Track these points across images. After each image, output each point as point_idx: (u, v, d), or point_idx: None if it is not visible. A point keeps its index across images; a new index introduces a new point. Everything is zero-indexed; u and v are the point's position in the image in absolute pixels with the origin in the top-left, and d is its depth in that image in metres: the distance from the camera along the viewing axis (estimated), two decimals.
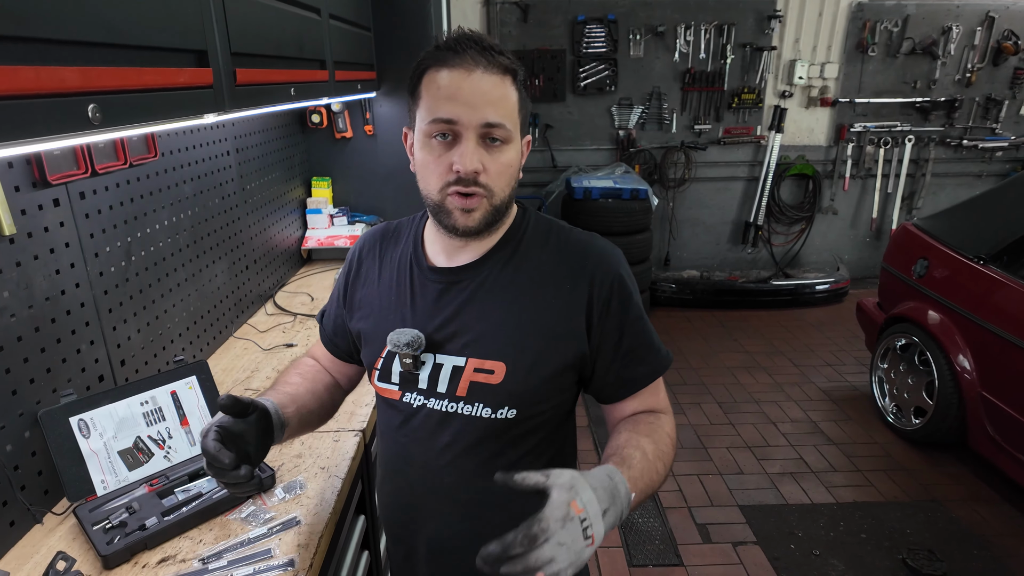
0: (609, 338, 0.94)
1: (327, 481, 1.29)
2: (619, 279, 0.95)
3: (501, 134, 0.86)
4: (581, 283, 0.93)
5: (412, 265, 1.01)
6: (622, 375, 0.96)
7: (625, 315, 0.94)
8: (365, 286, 1.06)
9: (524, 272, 0.95)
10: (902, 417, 3.21)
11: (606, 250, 0.97)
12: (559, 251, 0.96)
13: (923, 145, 5.21)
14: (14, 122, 0.66)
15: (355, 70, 2.28)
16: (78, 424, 1.22)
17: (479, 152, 0.85)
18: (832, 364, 4.02)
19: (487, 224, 0.90)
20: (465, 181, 0.86)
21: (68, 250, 1.27)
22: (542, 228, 1.00)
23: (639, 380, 0.97)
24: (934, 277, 3.05)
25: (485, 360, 0.92)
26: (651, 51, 4.96)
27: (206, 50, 1.08)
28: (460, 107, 0.84)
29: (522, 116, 0.91)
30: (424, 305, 0.97)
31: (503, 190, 0.89)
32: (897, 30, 4.95)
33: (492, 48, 0.87)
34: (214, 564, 1.06)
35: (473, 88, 0.84)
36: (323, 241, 2.78)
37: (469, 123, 0.84)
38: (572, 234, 0.99)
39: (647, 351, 0.97)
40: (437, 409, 0.95)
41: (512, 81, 0.88)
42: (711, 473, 2.93)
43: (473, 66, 0.85)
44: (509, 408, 0.92)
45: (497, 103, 0.85)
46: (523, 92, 0.91)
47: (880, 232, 5.49)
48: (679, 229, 5.42)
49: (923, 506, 2.67)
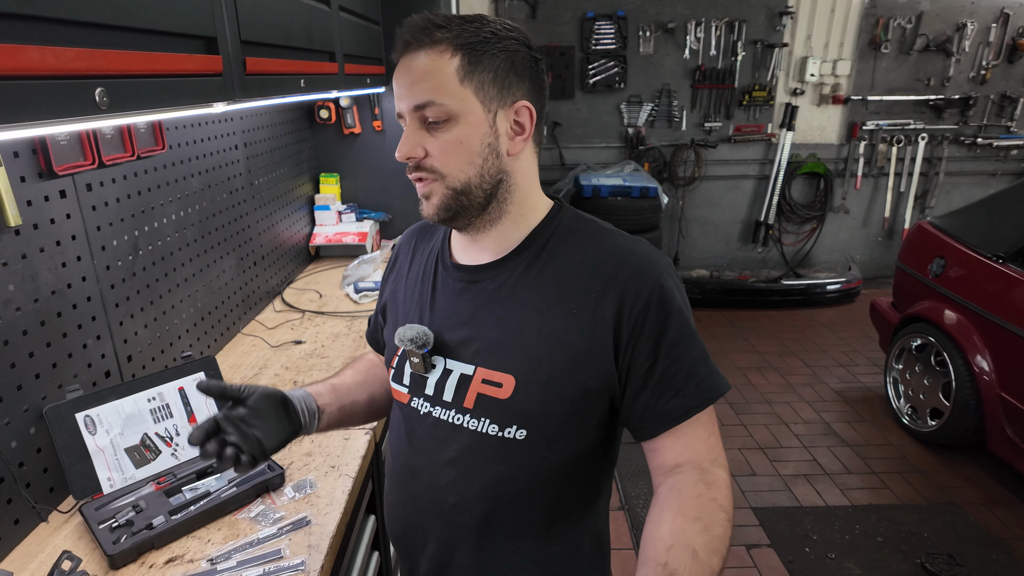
0: (640, 362, 0.81)
1: (337, 480, 1.26)
2: (660, 292, 0.81)
3: (435, 113, 0.79)
4: (611, 294, 0.81)
5: (438, 261, 0.95)
6: (652, 407, 0.82)
7: (662, 336, 0.80)
8: (395, 281, 1.03)
9: (549, 277, 0.84)
10: (917, 419, 3.16)
11: (649, 257, 0.84)
12: (592, 256, 0.84)
13: (936, 143, 5.15)
14: (18, 104, 0.63)
15: (364, 64, 2.25)
16: (84, 420, 1.19)
17: (418, 136, 0.81)
18: (845, 365, 3.97)
19: (453, 210, 0.83)
20: (409, 167, 0.83)
21: (75, 243, 1.25)
22: (577, 228, 0.88)
23: (672, 415, 0.82)
24: (951, 276, 3.00)
25: (494, 371, 0.83)
26: (661, 48, 4.92)
27: (215, 36, 1.05)
28: (397, 96, 0.82)
29: (478, 82, 0.79)
30: (443, 304, 0.91)
31: (461, 170, 0.80)
32: (910, 27, 4.89)
33: (420, 26, 0.79)
34: (223, 565, 1.03)
35: (403, 72, 0.81)
36: (331, 238, 2.75)
37: (405, 110, 0.82)
38: (611, 237, 0.87)
39: (686, 381, 0.81)
40: (444, 419, 0.87)
41: (447, 47, 0.78)
42: None
43: (404, 49, 0.81)
44: (518, 428, 0.83)
45: (424, 79, 0.79)
46: (478, 54, 0.78)
47: (892, 231, 5.43)
48: (688, 228, 5.37)
49: (940, 509, 2.62)
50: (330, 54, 1.79)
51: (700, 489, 0.79)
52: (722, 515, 0.77)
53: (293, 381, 1.68)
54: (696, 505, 0.77)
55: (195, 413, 1.34)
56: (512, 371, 0.83)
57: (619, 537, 2.47)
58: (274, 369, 1.76)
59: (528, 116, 0.83)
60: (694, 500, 0.78)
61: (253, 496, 1.20)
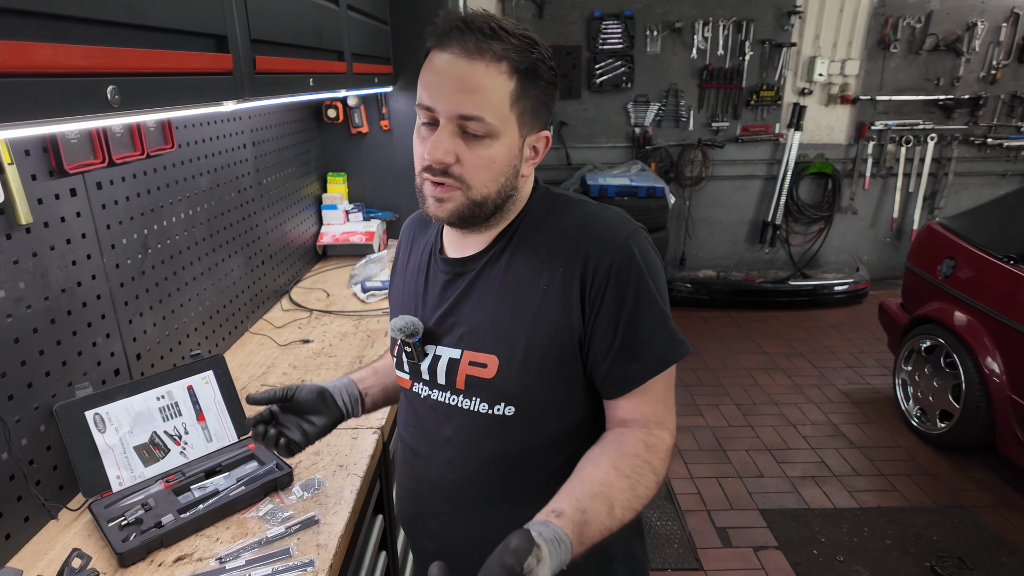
0: (602, 328, 0.84)
1: (346, 479, 1.26)
2: (622, 257, 0.83)
3: (478, 128, 0.79)
4: (576, 264, 0.83)
5: (431, 254, 0.98)
6: (612, 372, 0.85)
7: (621, 303, 0.83)
8: (397, 273, 1.07)
9: (521, 257, 0.87)
10: (927, 421, 3.14)
11: (612, 222, 0.86)
12: (559, 228, 0.87)
13: (946, 143, 5.11)
14: (31, 101, 0.63)
15: (372, 63, 2.25)
16: (94, 418, 1.20)
17: (453, 142, 0.80)
18: (852, 366, 3.95)
19: (463, 217, 0.84)
20: (434, 170, 0.81)
21: (84, 241, 1.25)
22: (547, 205, 0.90)
23: (630, 380, 0.85)
24: (961, 277, 2.97)
25: (478, 353, 0.88)
26: (668, 47, 4.90)
27: (226, 35, 1.05)
28: (437, 93, 0.79)
29: (521, 108, 0.81)
30: (433, 295, 0.95)
31: (485, 185, 0.82)
32: (920, 26, 4.86)
33: (483, 31, 0.77)
34: (232, 564, 1.03)
35: (451, 74, 0.78)
36: (338, 237, 2.75)
37: (444, 111, 0.79)
38: (579, 207, 0.89)
39: (642, 346, 0.84)
40: (441, 401, 0.93)
41: (507, 68, 0.78)
42: (730, 476, 2.88)
43: (458, 51, 0.78)
44: (506, 405, 0.87)
45: (476, 93, 0.78)
46: (527, 82, 0.80)
47: (901, 232, 5.40)
48: (695, 228, 5.36)
49: (950, 512, 2.60)
50: (338, 53, 1.79)
51: (639, 449, 0.83)
52: (651, 478, 0.82)
53: (301, 380, 1.68)
54: (631, 464, 0.81)
55: (203, 411, 1.34)
56: (494, 351, 0.87)
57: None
58: (282, 368, 1.76)
59: (545, 143, 0.88)
60: (631, 458, 0.82)
61: (261, 495, 1.20)
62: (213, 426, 1.35)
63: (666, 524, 2.56)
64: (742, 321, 4.67)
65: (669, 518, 2.59)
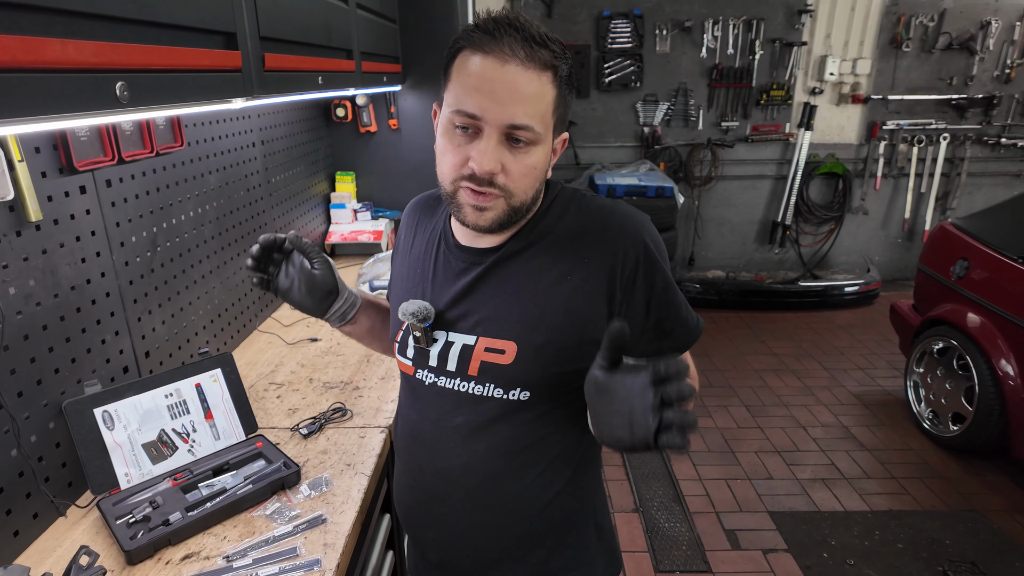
0: (635, 312, 0.88)
1: (353, 478, 1.26)
2: (645, 250, 0.87)
3: (527, 136, 0.79)
4: (602, 256, 0.86)
5: (441, 239, 0.98)
6: (647, 351, 0.90)
7: (652, 289, 0.88)
8: (399, 255, 1.07)
9: (542, 247, 0.89)
10: (939, 423, 3.10)
11: (630, 218, 0.89)
12: (579, 222, 0.89)
13: (959, 143, 5.06)
14: (40, 97, 0.63)
15: (381, 62, 2.25)
16: (102, 416, 1.20)
17: (500, 151, 0.79)
18: (863, 368, 3.91)
19: (502, 224, 0.85)
20: (479, 180, 0.80)
21: (94, 238, 1.25)
22: (563, 199, 0.93)
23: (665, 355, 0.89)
24: (974, 278, 2.94)
25: (496, 339, 0.88)
26: (678, 46, 4.88)
27: (235, 32, 1.05)
28: (486, 102, 0.77)
29: (558, 115, 0.83)
30: (443, 281, 0.95)
31: (525, 192, 0.83)
32: (933, 25, 4.81)
33: (534, 38, 0.77)
34: (239, 562, 1.03)
35: (504, 83, 0.77)
36: (347, 236, 2.75)
37: (493, 121, 0.78)
38: (593, 202, 0.92)
39: (674, 324, 0.92)
40: (448, 388, 0.92)
41: (552, 77, 0.79)
42: (739, 478, 2.85)
43: (509, 57, 0.76)
44: (522, 390, 0.88)
45: (528, 102, 0.78)
46: (564, 88, 0.83)
47: (912, 233, 5.35)
48: (704, 228, 5.33)
49: (962, 516, 2.57)
50: (347, 51, 1.79)
51: None
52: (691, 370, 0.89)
53: (309, 379, 1.68)
54: None
55: (211, 409, 1.34)
56: (513, 337, 0.87)
57: (634, 540, 2.45)
58: (290, 366, 1.76)
59: (563, 144, 0.90)
60: None
61: (269, 493, 1.20)
62: (221, 424, 1.35)
63: (674, 526, 2.54)
64: (751, 322, 4.64)
65: (677, 520, 2.57)
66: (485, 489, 0.93)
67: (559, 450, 0.93)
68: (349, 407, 1.52)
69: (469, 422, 0.92)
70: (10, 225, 1.05)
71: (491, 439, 0.91)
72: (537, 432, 0.91)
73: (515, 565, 0.97)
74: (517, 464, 0.92)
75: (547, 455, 0.93)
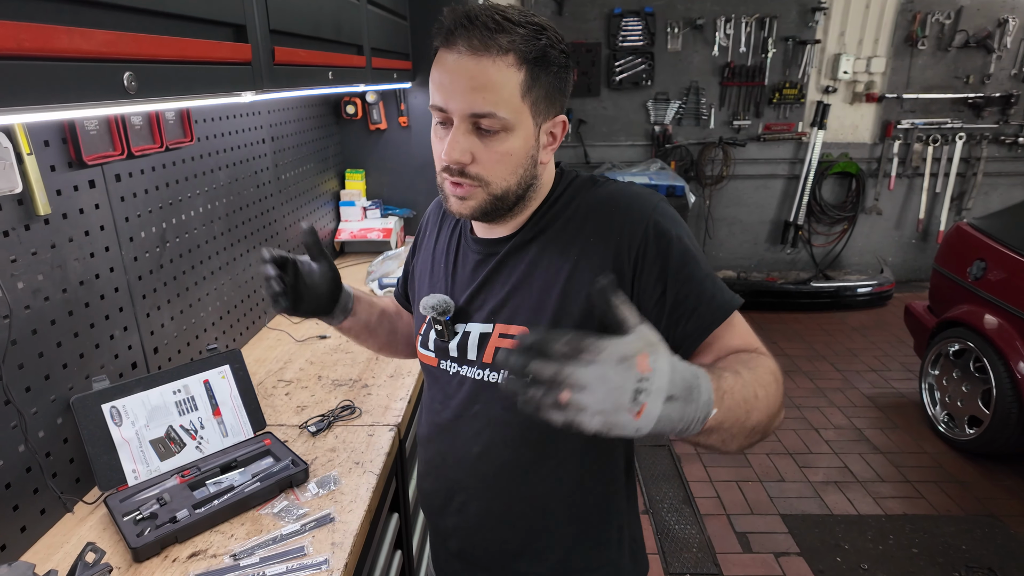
0: (649, 293, 0.83)
1: (361, 477, 1.24)
2: (654, 226, 0.83)
3: (494, 124, 0.79)
4: (608, 234, 0.84)
5: (461, 234, 0.99)
6: (673, 335, 0.82)
7: (666, 264, 0.82)
8: (422, 252, 1.07)
9: (552, 234, 0.89)
10: (954, 426, 3.05)
11: (639, 196, 0.86)
12: (588, 205, 0.88)
13: (975, 143, 4.98)
14: (47, 85, 0.61)
15: (391, 58, 2.23)
16: (110, 411, 1.19)
17: (469, 140, 0.80)
18: (877, 370, 3.86)
19: (486, 212, 0.85)
20: (452, 170, 0.82)
21: (103, 233, 1.25)
22: (575, 184, 0.92)
23: (692, 336, 0.82)
24: (992, 279, 2.89)
25: (510, 325, 0.89)
26: (689, 44, 4.84)
27: (245, 24, 1.03)
28: (448, 94, 0.79)
29: (534, 97, 0.80)
30: (463, 275, 0.96)
31: (504, 179, 0.83)
32: (949, 22, 4.75)
33: (488, 25, 0.76)
34: (246, 561, 1.02)
35: (461, 73, 0.78)
36: (356, 234, 2.74)
37: (456, 111, 0.79)
38: (605, 186, 0.90)
39: (697, 302, 0.82)
40: (470, 377, 0.93)
41: (515, 60, 0.78)
42: (751, 480, 2.82)
43: (463, 48, 0.77)
44: None
45: (486, 89, 0.77)
46: (538, 68, 0.79)
47: (927, 234, 5.28)
48: (716, 228, 5.28)
49: (979, 521, 2.52)
50: (358, 47, 1.77)
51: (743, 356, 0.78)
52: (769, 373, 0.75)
53: (318, 376, 1.67)
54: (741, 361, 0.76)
55: (219, 406, 1.33)
56: (524, 323, 0.88)
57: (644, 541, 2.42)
58: (299, 363, 1.75)
59: (562, 128, 0.88)
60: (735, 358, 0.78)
61: (277, 491, 1.18)
62: (229, 421, 1.34)
63: (685, 528, 2.51)
64: (762, 323, 4.59)
65: (688, 522, 2.55)
66: (502, 478, 0.93)
67: (575, 444, 0.91)
68: (358, 405, 1.51)
69: (487, 410, 0.92)
70: (19, 219, 1.04)
71: (507, 428, 0.91)
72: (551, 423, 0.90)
73: (534, 560, 0.96)
74: (533, 454, 0.92)
75: (563, 448, 0.92)
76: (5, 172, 0.96)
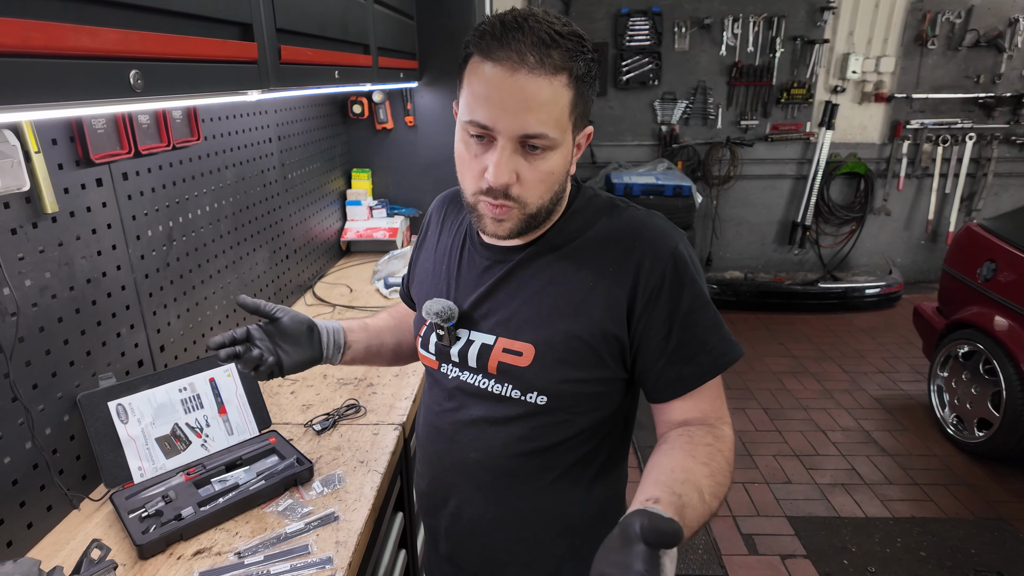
0: (654, 332, 0.83)
1: (366, 476, 1.24)
2: (673, 264, 0.82)
3: (542, 143, 0.76)
4: (627, 266, 0.83)
5: (467, 237, 0.97)
6: (665, 375, 0.84)
7: (675, 307, 0.82)
8: (424, 250, 1.06)
9: (567, 252, 0.87)
10: (963, 429, 3.03)
11: (663, 230, 0.85)
12: (609, 230, 0.86)
13: (985, 143, 4.94)
14: (53, 83, 0.62)
15: (398, 58, 2.23)
16: (116, 409, 1.19)
17: (514, 161, 0.77)
18: (885, 371, 3.83)
19: (519, 232, 0.84)
20: (495, 192, 0.78)
21: (110, 231, 1.25)
22: (596, 205, 0.90)
23: (685, 381, 0.84)
24: (1002, 280, 2.86)
25: (514, 341, 0.87)
26: (696, 44, 4.82)
27: (251, 23, 1.03)
28: (497, 112, 0.74)
29: (577, 114, 0.79)
30: (468, 279, 0.94)
31: (540, 198, 0.81)
32: (960, 21, 4.71)
33: (544, 40, 0.72)
34: (250, 559, 1.02)
35: (514, 92, 0.73)
36: (362, 233, 2.75)
37: (505, 131, 0.75)
38: (627, 212, 0.88)
39: (699, 349, 0.83)
40: (471, 382, 0.92)
41: (567, 79, 0.75)
42: (757, 482, 2.81)
43: (518, 64, 0.72)
44: (539, 394, 0.86)
45: (541, 110, 0.74)
46: (582, 86, 0.77)
47: (936, 235, 5.24)
48: (723, 228, 5.26)
49: (988, 524, 2.50)
50: (364, 46, 1.77)
51: (709, 440, 0.81)
52: (727, 467, 0.79)
53: (324, 374, 1.67)
54: (706, 452, 0.78)
55: (225, 404, 1.34)
56: (531, 340, 0.86)
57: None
58: None
59: (587, 138, 0.86)
60: (704, 447, 0.79)
61: (281, 490, 1.19)
62: (234, 419, 1.34)
63: None
64: (770, 323, 4.57)
65: None
66: (499, 486, 0.93)
67: (576, 459, 0.91)
68: (363, 404, 1.51)
69: (487, 416, 0.91)
70: (26, 217, 1.05)
71: (507, 437, 0.90)
72: (554, 437, 0.89)
73: (523, 570, 0.96)
74: (533, 466, 0.91)
75: (563, 461, 0.91)
76: (13, 170, 0.97)
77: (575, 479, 0.92)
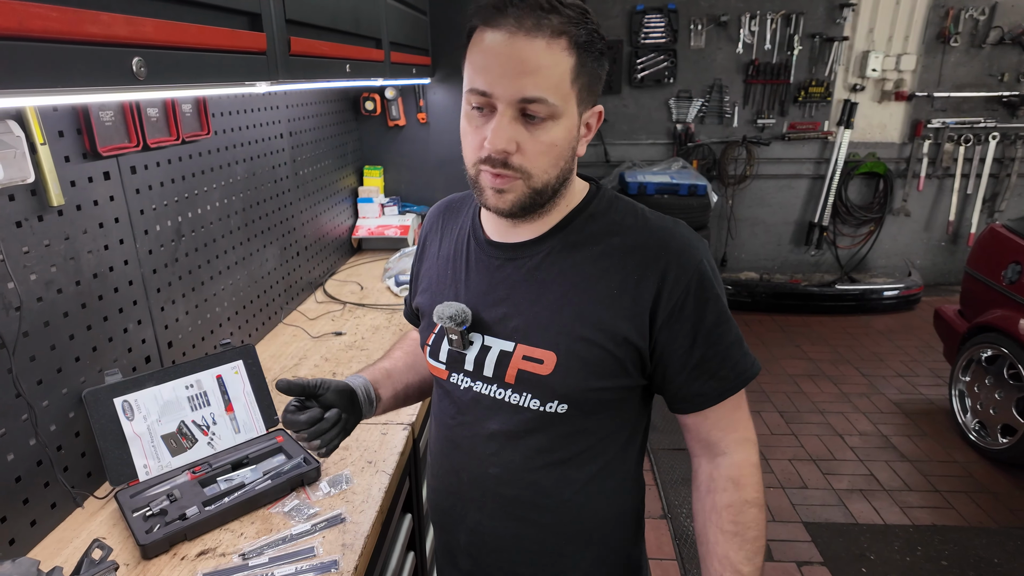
0: (677, 345, 0.82)
1: (374, 476, 1.22)
2: (699, 278, 0.81)
3: (542, 110, 0.74)
4: (651, 276, 0.81)
5: (470, 238, 0.93)
6: (688, 388, 0.84)
7: (700, 321, 0.81)
8: (426, 260, 1.01)
9: (588, 256, 0.84)
10: (986, 435, 2.95)
11: (689, 242, 0.83)
12: (634, 237, 0.83)
13: (1009, 143, 4.83)
14: (50, 68, 0.59)
15: (410, 53, 2.21)
16: (122, 406, 1.18)
17: (514, 129, 0.75)
18: (904, 375, 3.75)
19: (524, 207, 0.80)
20: (494, 161, 0.76)
21: (117, 226, 1.24)
22: (619, 209, 0.87)
23: (707, 396, 0.85)
24: None
25: (534, 348, 0.83)
26: (713, 42, 4.76)
27: (260, 13, 1.01)
28: (494, 78, 0.73)
29: (580, 84, 0.76)
30: (478, 281, 0.90)
31: (546, 171, 0.78)
32: (984, 18, 4.60)
33: (541, 5, 0.72)
34: (255, 560, 1.00)
35: (511, 55, 0.72)
36: (373, 231, 2.73)
37: (503, 96, 0.73)
38: (652, 219, 0.86)
39: (721, 364, 0.83)
40: (485, 394, 0.88)
41: (567, 43, 0.73)
42: (772, 486, 2.75)
43: (515, 28, 0.72)
44: (559, 403, 0.84)
45: (539, 73, 0.72)
46: (585, 55, 0.75)
47: (957, 236, 5.13)
48: (738, 228, 5.19)
49: (1013, 533, 2.43)
50: (376, 40, 1.75)
51: (731, 496, 0.86)
52: (753, 511, 0.86)
53: (332, 372, 1.65)
54: (730, 516, 0.85)
55: (232, 402, 1.32)
56: (552, 348, 0.83)
57: (661, 547, 2.38)
58: (313, 360, 1.74)
59: (597, 118, 0.84)
60: (727, 510, 0.85)
61: (288, 490, 1.16)
62: (241, 417, 1.32)
63: None
64: (786, 325, 4.50)
65: None
66: (523, 500, 0.90)
67: (597, 469, 0.89)
68: None
69: (505, 430, 0.88)
70: (32, 209, 1.03)
71: (527, 450, 0.87)
72: (574, 447, 0.87)
73: None
74: (554, 478, 0.88)
75: (584, 472, 0.89)
76: (17, 161, 0.95)
77: (597, 489, 0.90)
